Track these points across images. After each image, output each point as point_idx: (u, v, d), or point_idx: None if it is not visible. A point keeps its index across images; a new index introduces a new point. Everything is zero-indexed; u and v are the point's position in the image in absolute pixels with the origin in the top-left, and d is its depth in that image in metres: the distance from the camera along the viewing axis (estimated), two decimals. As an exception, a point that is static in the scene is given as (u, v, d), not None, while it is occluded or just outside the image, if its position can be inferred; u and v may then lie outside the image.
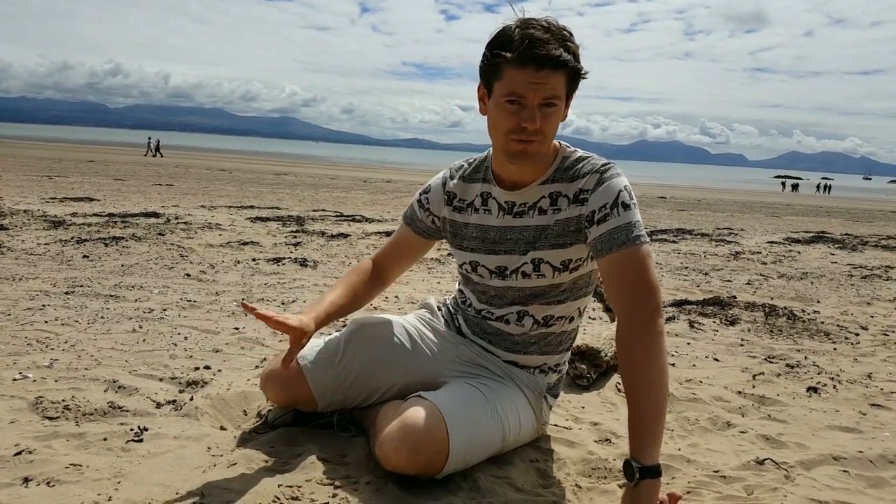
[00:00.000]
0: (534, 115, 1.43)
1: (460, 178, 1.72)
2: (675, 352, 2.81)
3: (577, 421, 2.02)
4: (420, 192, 1.80)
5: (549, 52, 1.39)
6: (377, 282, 1.84)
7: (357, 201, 12.29)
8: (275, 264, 4.53)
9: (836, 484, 1.63)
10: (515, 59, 1.40)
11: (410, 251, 1.86)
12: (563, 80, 1.44)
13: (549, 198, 1.59)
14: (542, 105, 1.44)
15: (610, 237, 1.47)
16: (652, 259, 1.47)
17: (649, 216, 12.60)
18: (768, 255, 6.49)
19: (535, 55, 1.39)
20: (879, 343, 3.10)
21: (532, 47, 1.39)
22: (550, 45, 1.39)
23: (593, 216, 1.51)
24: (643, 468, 1.33)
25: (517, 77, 1.42)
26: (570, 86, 1.48)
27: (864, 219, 16.45)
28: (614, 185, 1.51)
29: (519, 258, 1.62)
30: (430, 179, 1.80)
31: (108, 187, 11.51)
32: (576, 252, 1.59)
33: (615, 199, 1.49)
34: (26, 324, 2.70)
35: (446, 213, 1.73)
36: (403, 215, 1.85)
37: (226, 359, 2.41)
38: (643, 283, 1.43)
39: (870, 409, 2.21)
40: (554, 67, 1.40)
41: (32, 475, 1.45)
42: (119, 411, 1.85)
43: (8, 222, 5.63)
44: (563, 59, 1.40)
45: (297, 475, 1.52)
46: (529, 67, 1.40)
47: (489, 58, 1.46)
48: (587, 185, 1.54)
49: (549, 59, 1.39)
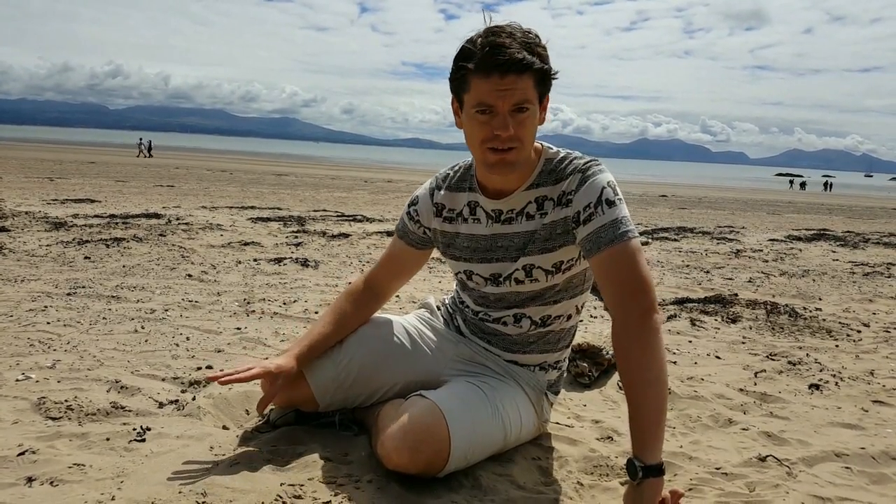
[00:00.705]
0: (506, 123, 1.42)
1: (447, 189, 1.71)
2: (677, 350, 2.81)
3: (578, 419, 2.02)
4: (408, 205, 1.78)
5: (511, 57, 1.37)
6: (372, 301, 1.83)
7: (358, 201, 12.30)
8: (276, 264, 4.54)
9: (838, 480, 1.63)
10: (479, 68, 1.39)
11: (407, 264, 1.85)
12: (531, 82, 1.42)
13: (536, 202, 1.58)
14: (513, 111, 1.42)
15: (597, 236, 1.46)
16: (642, 254, 1.46)
17: (650, 214, 12.60)
18: (770, 252, 6.49)
19: (498, 61, 1.38)
20: (881, 340, 3.09)
21: (494, 54, 1.38)
22: (512, 49, 1.38)
23: (579, 217, 1.50)
24: (646, 467, 1.32)
25: (484, 86, 1.40)
26: (541, 88, 1.45)
27: (866, 216, 16.43)
28: (597, 183, 1.50)
29: (511, 265, 1.62)
30: (418, 189, 1.78)
31: (109, 188, 11.52)
32: (566, 253, 1.58)
33: (599, 198, 1.48)
34: (29, 325, 2.70)
35: (436, 224, 1.73)
36: (396, 228, 1.84)
37: (228, 359, 2.41)
38: (635, 279, 1.42)
39: (872, 405, 2.20)
40: (519, 71, 1.39)
41: (36, 475, 1.46)
42: (122, 411, 1.86)
43: (10, 224, 5.64)
44: (527, 62, 1.39)
45: (300, 474, 1.52)
46: (494, 75, 1.39)
47: (455, 71, 1.46)
48: (570, 187, 1.53)
49: (511, 64, 1.38)
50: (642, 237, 7.34)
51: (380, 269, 1.85)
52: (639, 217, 11.63)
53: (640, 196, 20.71)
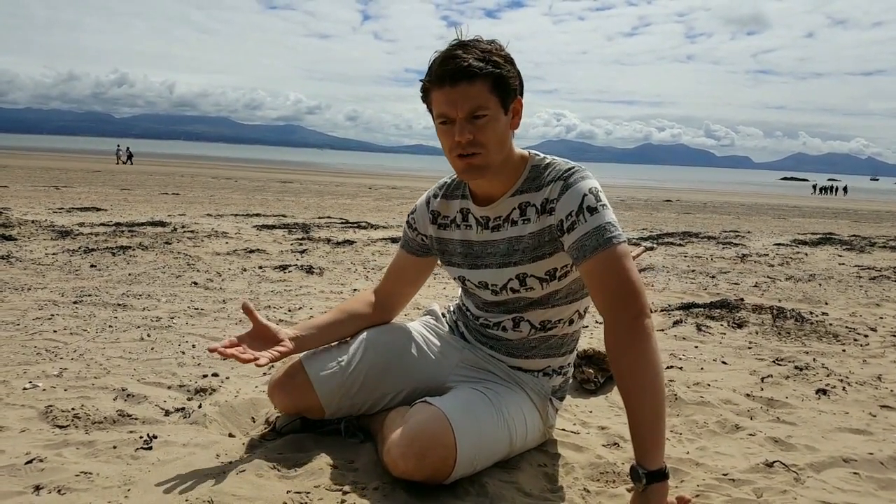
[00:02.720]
0: (462, 129, 1.45)
1: (443, 196, 1.74)
2: (683, 355, 2.80)
3: (584, 425, 2.01)
4: (409, 214, 1.83)
5: (457, 66, 1.41)
6: (378, 309, 1.84)
7: (362, 208, 12.32)
8: (281, 272, 4.55)
9: (846, 486, 1.62)
10: (434, 81, 1.45)
11: (412, 274, 1.86)
12: (485, 88, 1.44)
13: (519, 209, 1.59)
14: (470, 118, 1.45)
15: (581, 244, 1.46)
16: (630, 258, 1.45)
17: (655, 219, 12.58)
18: (775, 257, 6.46)
19: (446, 71, 1.42)
20: (889, 344, 3.08)
21: (444, 65, 1.43)
22: (460, 59, 1.42)
23: (563, 224, 1.50)
24: (649, 473, 1.32)
25: (439, 97, 1.46)
26: (499, 93, 1.46)
27: (872, 220, 16.36)
28: (578, 190, 1.50)
29: (503, 273, 1.62)
30: (417, 200, 1.82)
31: (114, 197, 11.58)
32: (558, 260, 1.58)
33: (580, 205, 1.48)
34: (35, 333, 2.71)
35: (432, 231, 1.75)
36: (400, 242, 1.87)
37: (234, 366, 2.42)
38: (623, 285, 1.41)
39: (880, 410, 2.19)
40: (468, 78, 1.42)
41: (43, 483, 1.46)
42: (128, 419, 1.86)
43: (16, 233, 5.67)
44: (475, 69, 1.42)
45: (306, 481, 1.52)
46: (446, 85, 1.43)
47: (421, 87, 1.51)
48: (552, 194, 1.53)
49: (458, 72, 1.41)
50: (648, 242, 7.32)
51: (386, 281, 1.88)
52: (644, 222, 11.61)
53: (644, 201, 20.69)
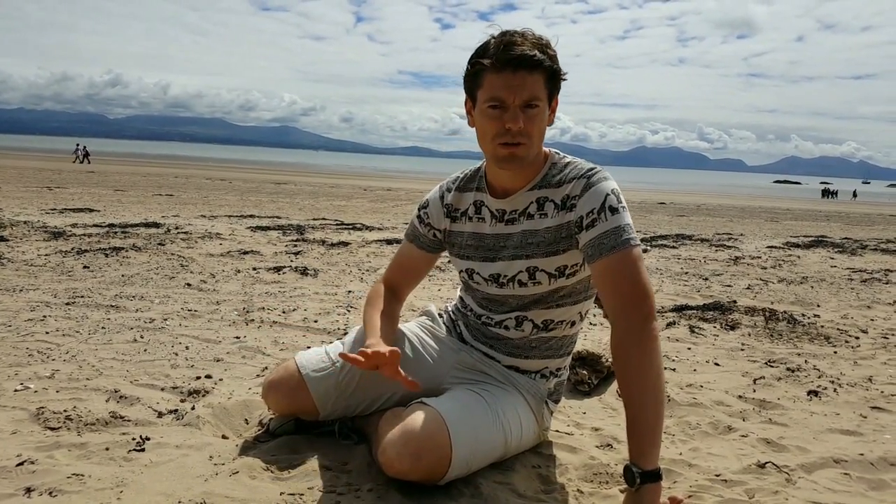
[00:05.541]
0: (517, 116, 1.46)
1: (456, 190, 1.76)
2: (676, 357, 2.81)
3: (578, 426, 2.02)
4: (419, 208, 1.82)
5: (523, 53, 1.43)
6: (394, 300, 1.86)
7: (357, 209, 12.31)
8: (275, 273, 4.54)
9: (837, 487, 1.64)
10: (493, 64, 1.45)
11: (417, 268, 1.88)
12: (542, 80, 1.47)
13: (537, 203, 1.60)
14: (523, 107, 1.47)
15: (599, 242, 1.48)
16: (643, 262, 1.48)
17: (649, 222, 12.61)
18: (768, 259, 6.50)
19: (511, 57, 1.43)
20: (880, 346, 3.10)
21: (507, 51, 1.44)
22: (525, 47, 1.44)
23: (582, 222, 1.52)
24: (644, 473, 1.33)
25: (496, 81, 1.46)
26: (550, 87, 1.50)
27: (864, 223, 16.46)
28: (601, 189, 1.53)
29: (513, 265, 1.63)
30: (427, 194, 1.83)
31: (107, 198, 11.53)
32: (570, 258, 1.59)
33: (602, 204, 1.50)
34: (27, 335, 2.70)
35: (446, 224, 1.77)
36: (405, 234, 1.87)
37: (227, 368, 2.41)
38: (635, 287, 1.44)
39: (870, 411, 2.21)
40: (530, 68, 1.44)
41: (35, 485, 1.45)
42: (121, 421, 1.86)
43: (8, 234, 5.63)
44: (538, 59, 1.45)
45: (300, 483, 1.52)
46: (507, 70, 1.44)
47: (470, 68, 1.51)
48: (574, 191, 1.55)
49: (523, 60, 1.43)
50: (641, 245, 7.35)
51: (391, 272, 1.89)
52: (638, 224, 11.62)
53: (639, 203, 20.74)
